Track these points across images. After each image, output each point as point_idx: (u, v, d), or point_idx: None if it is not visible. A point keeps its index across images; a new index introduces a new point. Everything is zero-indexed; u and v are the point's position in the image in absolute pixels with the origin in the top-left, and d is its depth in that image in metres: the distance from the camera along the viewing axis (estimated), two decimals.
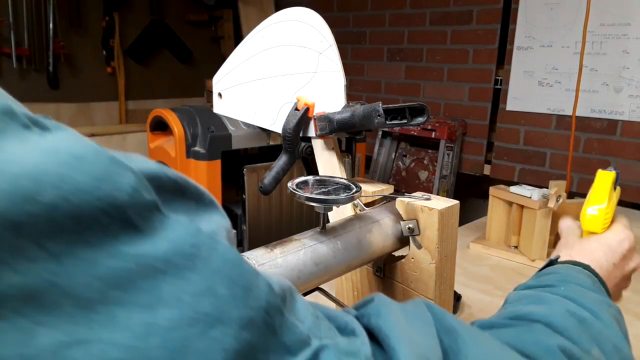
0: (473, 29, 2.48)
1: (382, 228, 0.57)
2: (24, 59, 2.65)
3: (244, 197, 1.97)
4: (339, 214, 0.61)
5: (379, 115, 0.58)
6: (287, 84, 0.69)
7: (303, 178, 0.54)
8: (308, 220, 2.19)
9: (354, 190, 0.51)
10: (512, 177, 2.45)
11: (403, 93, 2.80)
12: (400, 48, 2.77)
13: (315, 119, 0.64)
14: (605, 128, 2.15)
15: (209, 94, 2.64)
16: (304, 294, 0.52)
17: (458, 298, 0.88)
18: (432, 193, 0.64)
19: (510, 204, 1.13)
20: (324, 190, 0.51)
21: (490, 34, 2.42)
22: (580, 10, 2.07)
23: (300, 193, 0.49)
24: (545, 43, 2.24)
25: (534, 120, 2.34)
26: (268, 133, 1.94)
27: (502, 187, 1.15)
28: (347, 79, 0.65)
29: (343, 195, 0.49)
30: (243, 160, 2.02)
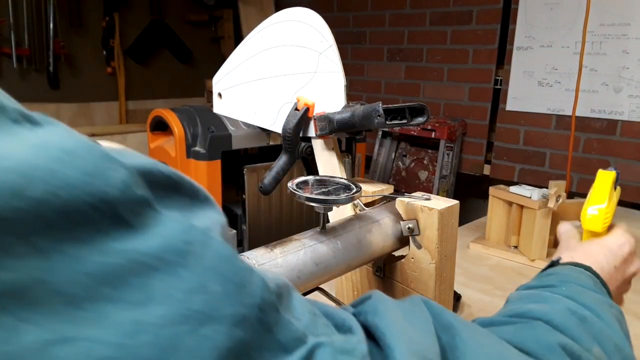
0: (473, 29, 2.48)
1: (382, 228, 0.57)
2: (24, 59, 2.65)
3: (244, 197, 1.97)
4: (339, 214, 0.61)
5: (379, 115, 0.58)
6: (287, 84, 0.69)
7: (303, 178, 0.54)
8: (308, 220, 2.19)
9: (354, 190, 0.51)
10: (512, 177, 2.45)
11: (403, 93, 2.80)
12: (400, 48, 2.77)
13: (315, 119, 0.64)
14: (605, 128, 2.15)
15: (209, 94, 2.64)
16: (304, 294, 0.52)
17: (458, 298, 0.88)
18: (432, 193, 0.64)
19: (510, 204, 1.13)
20: (324, 190, 0.51)
21: (490, 34, 2.42)
22: (580, 10, 2.07)
23: (300, 193, 0.49)
24: (545, 43, 2.24)
25: (534, 120, 2.34)
26: (268, 133, 1.94)
27: (502, 187, 1.15)
28: (347, 79, 0.65)
29: (343, 195, 0.50)
30: (243, 160, 2.02)
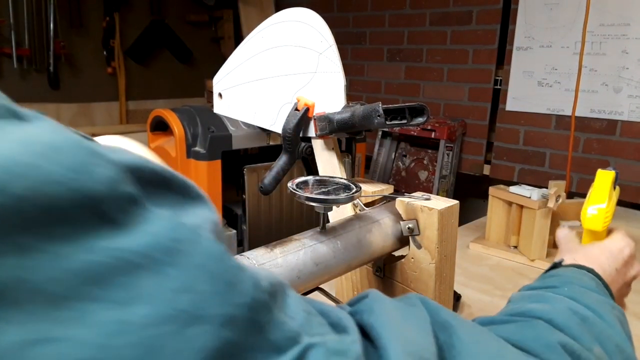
0: (473, 29, 2.48)
1: (382, 228, 0.57)
2: (25, 59, 2.65)
3: (244, 197, 1.97)
4: (339, 214, 0.61)
5: (379, 116, 0.58)
6: (287, 84, 0.69)
7: (303, 178, 0.55)
8: (308, 220, 2.19)
9: (354, 190, 0.51)
10: (511, 177, 2.45)
11: (403, 93, 2.80)
12: (400, 48, 2.77)
13: (315, 119, 0.64)
14: (605, 128, 2.15)
15: (209, 94, 2.64)
16: (304, 294, 0.52)
17: (458, 298, 0.88)
18: (431, 193, 0.64)
19: (510, 204, 1.13)
20: (324, 190, 0.51)
21: (490, 34, 2.42)
22: (580, 11, 2.07)
23: (300, 193, 0.49)
24: (545, 43, 2.25)
25: (534, 121, 2.34)
26: (268, 133, 1.94)
27: (501, 187, 1.15)
28: (347, 79, 0.65)
29: (343, 195, 0.50)
30: (243, 160, 2.02)
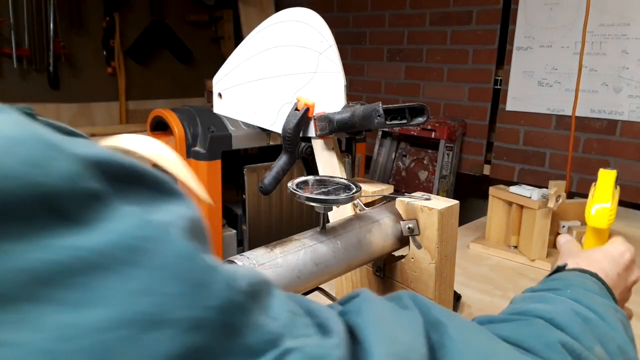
0: (473, 29, 2.48)
1: (382, 228, 0.57)
2: (25, 59, 2.65)
3: (244, 197, 1.97)
4: (339, 214, 0.61)
5: (379, 116, 0.58)
6: (287, 84, 0.69)
7: (303, 178, 0.54)
8: (308, 220, 2.19)
9: (354, 190, 0.51)
10: (511, 177, 2.45)
11: (403, 93, 2.80)
12: (400, 48, 2.77)
13: (315, 119, 0.64)
14: (605, 128, 2.15)
15: (209, 94, 2.64)
16: (304, 294, 0.52)
17: (458, 298, 0.88)
18: (432, 193, 0.64)
19: (510, 204, 1.13)
20: (324, 190, 0.51)
21: (490, 34, 2.42)
22: (580, 11, 2.07)
23: (300, 193, 0.49)
24: (545, 43, 2.25)
25: (534, 121, 2.34)
26: (268, 133, 1.94)
27: (501, 187, 1.15)
28: (347, 79, 0.65)
29: (343, 195, 0.50)
30: (243, 160, 2.02)
